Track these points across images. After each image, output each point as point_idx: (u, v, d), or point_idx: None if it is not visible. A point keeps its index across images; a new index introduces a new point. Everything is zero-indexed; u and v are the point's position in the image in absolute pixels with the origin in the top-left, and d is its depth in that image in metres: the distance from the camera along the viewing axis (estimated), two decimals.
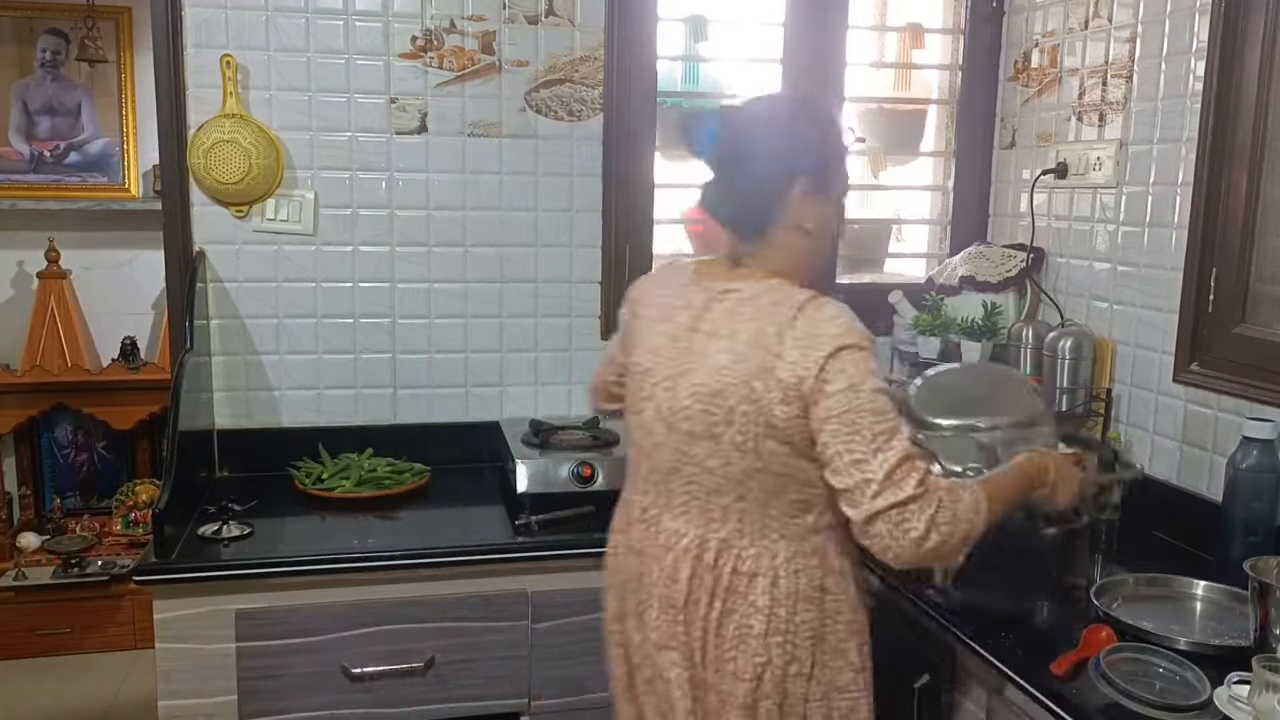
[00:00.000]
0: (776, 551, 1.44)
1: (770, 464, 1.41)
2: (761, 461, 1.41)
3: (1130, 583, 1.72)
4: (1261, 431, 1.77)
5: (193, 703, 1.92)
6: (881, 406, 1.35)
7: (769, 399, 1.37)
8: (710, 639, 1.46)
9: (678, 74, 2.76)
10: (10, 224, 3.82)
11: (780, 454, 1.40)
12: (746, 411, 1.39)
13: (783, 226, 1.46)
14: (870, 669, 1.54)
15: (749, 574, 1.44)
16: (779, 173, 1.45)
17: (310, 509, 2.21)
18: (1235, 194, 1.93)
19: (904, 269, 2.92)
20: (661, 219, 2.60)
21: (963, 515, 1.36)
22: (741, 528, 1.45)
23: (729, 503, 1.45)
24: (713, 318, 1.46)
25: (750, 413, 1.39)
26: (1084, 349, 2.20)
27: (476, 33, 2.40)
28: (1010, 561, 1.65)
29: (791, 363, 1.36)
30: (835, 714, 1.49)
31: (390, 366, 2.47)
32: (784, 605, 1.44)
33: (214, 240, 2.34)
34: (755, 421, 1.39)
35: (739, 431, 1.40)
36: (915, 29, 2.77)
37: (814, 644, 1.46)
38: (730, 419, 1.41)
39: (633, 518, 1.59)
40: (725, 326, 1.44)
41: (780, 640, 1.44)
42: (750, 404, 1.39)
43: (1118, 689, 1.39)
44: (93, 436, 4.00)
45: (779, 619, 1.43)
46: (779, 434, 1.38)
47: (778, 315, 1.40)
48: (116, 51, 3.84)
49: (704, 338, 1.46)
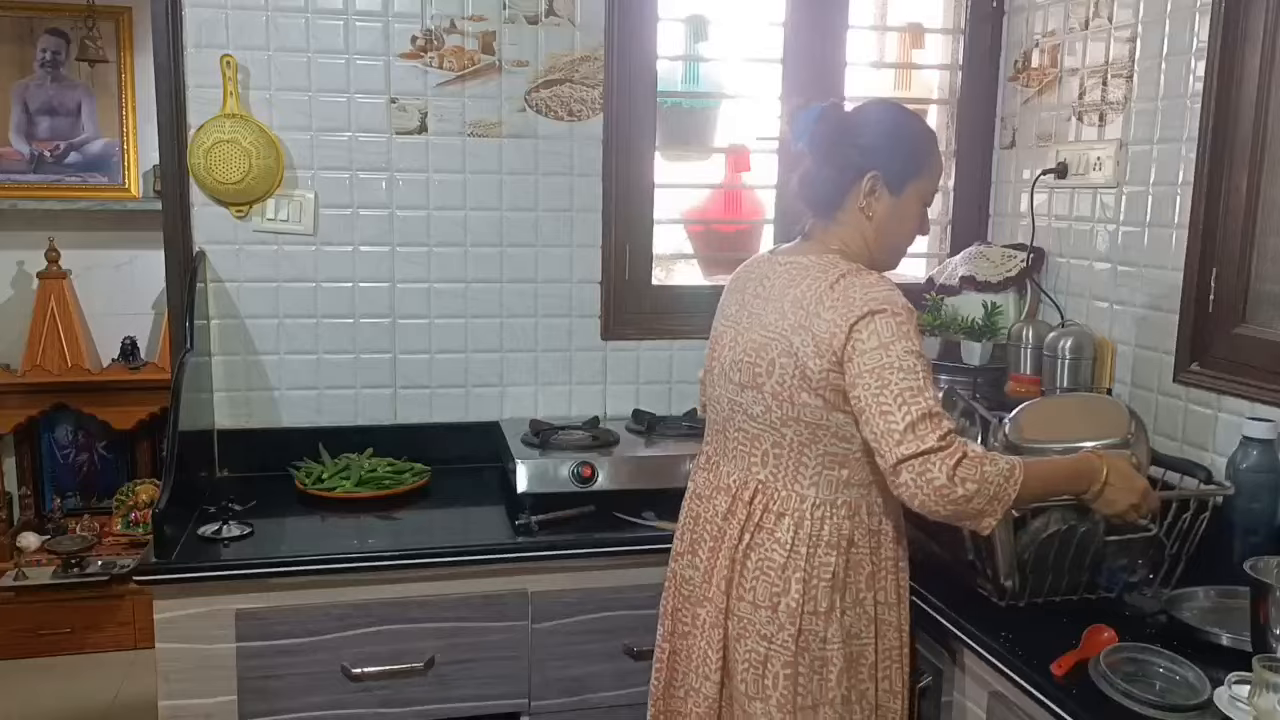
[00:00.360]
0: (806, 496, 1.58)
1: (803, 414, 1.55)
2: (795, 410, 1.56)
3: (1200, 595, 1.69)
4: (1262, 431, 1.77)
5: (193, 703, 1.91)
6: (911, 366, 1.47)
7: (805, 352, 1.53)
8: (737, 569, 1.61)
9: (678, 74, 2.76)
10: (10, 224, 3.83)
11: (813, 405, 1.54)
12: (784, 364, 1.55)
13: (850, 210, 1.63)
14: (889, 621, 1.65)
15: (777, 513, 1.59)
16: (853, 165, 1.61)
17: (310, 509, 2.21)
18: (1235, 194, 1.93)
19: (904, 269, 2.91)
20: (662, 219, 2.60)
21: (991, 476, 1.44)
22: (777, 471, 1.60)
23: (767, 448, 1.61)
24: (771, 284, 1.64)
25: (787, 365, 1.55)
26: (1084, 349, 2.19)
27: (477, 33, 2.40)
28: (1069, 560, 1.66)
29: (827, 321, 1.51)
30: (852, 656, 1.60)
31: (390, 366, 2.47)
32: (805, 545, 1.56)
33: (214, 240, 2.34)
34: (791, 373, 1.55)
35: (777, 381, 1.56)
36: (915, 29, 2.77)
37: (832, 588, 1.57)
38: (771, 370, 1.57)
39: (700, 465, 1.78)
40: (778, 290, 1.61)
41: (800, 577, 1.56)
42: (788, 357, 1.55)
43: (1118, 689, 1.39)
44: (93, 436, 4.00)
45: (799, 557, 1.56)
46: (812, 386, 1.53)
47: (821, 280, 1.56)
48: (116, 51, 3.84)
49: (762, 301, 1.64)
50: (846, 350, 1.49)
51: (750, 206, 2.81)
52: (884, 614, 1.64)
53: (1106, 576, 1.69)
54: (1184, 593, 1.67)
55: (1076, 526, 1.64)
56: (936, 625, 1.72)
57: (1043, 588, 1.66)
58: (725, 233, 2.81)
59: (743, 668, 1.61)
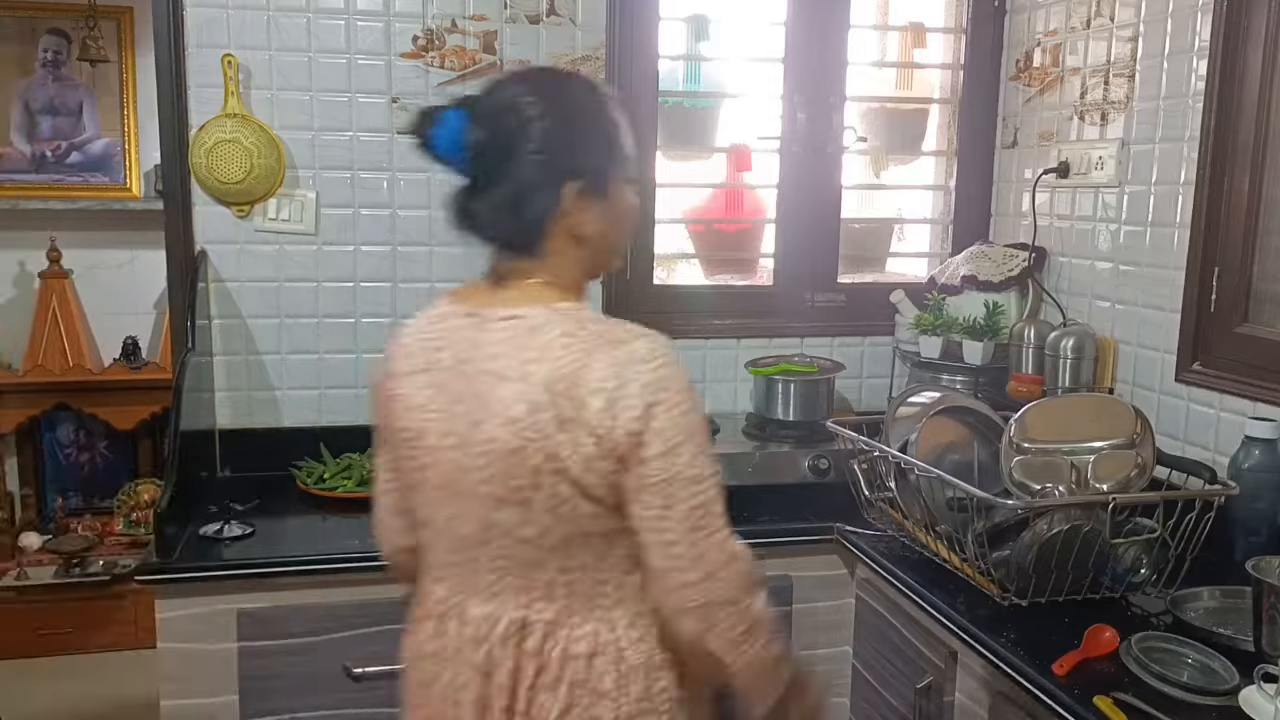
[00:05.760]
0: (614, 621, 1.23)
1: (593, 527, 1.20)
2: (581, 526, 1.19)
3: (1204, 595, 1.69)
4: (1264, 431, 1.77)
5: (194, 703, 1.91)
6: (697, 474, 1.16)
7: (577, 456, 1.15)
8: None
9: (679, 73, 2.76)
10: (12, 224, 3.83)
11: (600, 514, 1.19)
12: (555, 471, 1.16)
13: (555, 236, 1.23)
14: None
15: (586, 655, 1.21)
16: (546, 175, 1.21)
17: (312, 509, 2.21)
18: (1237, 193, 1.93)
19: (905, 268, 2.92)
20: (663, 219, 2.60)
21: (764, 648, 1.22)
22: (570, 603, 1.22)
23: (553, 576, 1.21)
24: (491, 351, 1.20)
25: (559, 473, 1.16)
26: (1086, 349, 2.19)
27: (478, 32, 2.40)
28: None
29: (598, 411, 1.14)
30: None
31: None
32: (635, 682, 1.22)
33: (215, 240, 2.34)
34: (566, 483, 1.16)
35: (549, 496, 1.17)
36: (917, 28, 2.77)
37: (674, 713, 1.25)
38: (538, 482, 1.17)
39: (427, 614, 1.32)
40: (512, 365, 1.18)
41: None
42: (557, 463, 1.16)
43: (1151, 672, 1.41)
44: (94, 436, 4.00)
45: (630, 699, 1.21)
46: (595, 494, 1.17)
47: (573, 351, 1.16)
48: (118, 51, 3.84)
49: (487, 379, 1.19)
50: (627, 451, 1.15)
51: (752, 206, 2.81)
52: None
53: (1110, 576, 1.69)
54: (1188, 593, 1.66)
55: (1080, 526, 1.64)
56: (938, 625, 1.72)
57: (1045, 587, 1.66)
58: (727, 232, 2.81)
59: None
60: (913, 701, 1.78)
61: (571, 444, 1.15)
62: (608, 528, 1.20)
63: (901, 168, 2.90)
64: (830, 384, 2.49)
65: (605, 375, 1.15)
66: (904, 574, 1.84)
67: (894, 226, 2.95)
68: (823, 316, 2.68)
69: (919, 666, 1.79)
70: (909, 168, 2.91)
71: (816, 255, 2.68)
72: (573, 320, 1.20)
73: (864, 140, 2.72)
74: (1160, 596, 1.69)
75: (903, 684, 1.80)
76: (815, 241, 2.67)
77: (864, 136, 2.72)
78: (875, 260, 2.88)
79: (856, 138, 2.69)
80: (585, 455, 1.15)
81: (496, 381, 1.18)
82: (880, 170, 2.79)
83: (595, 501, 1.18)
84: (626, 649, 1.22)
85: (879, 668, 1.94)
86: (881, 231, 2.91)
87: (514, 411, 1.16)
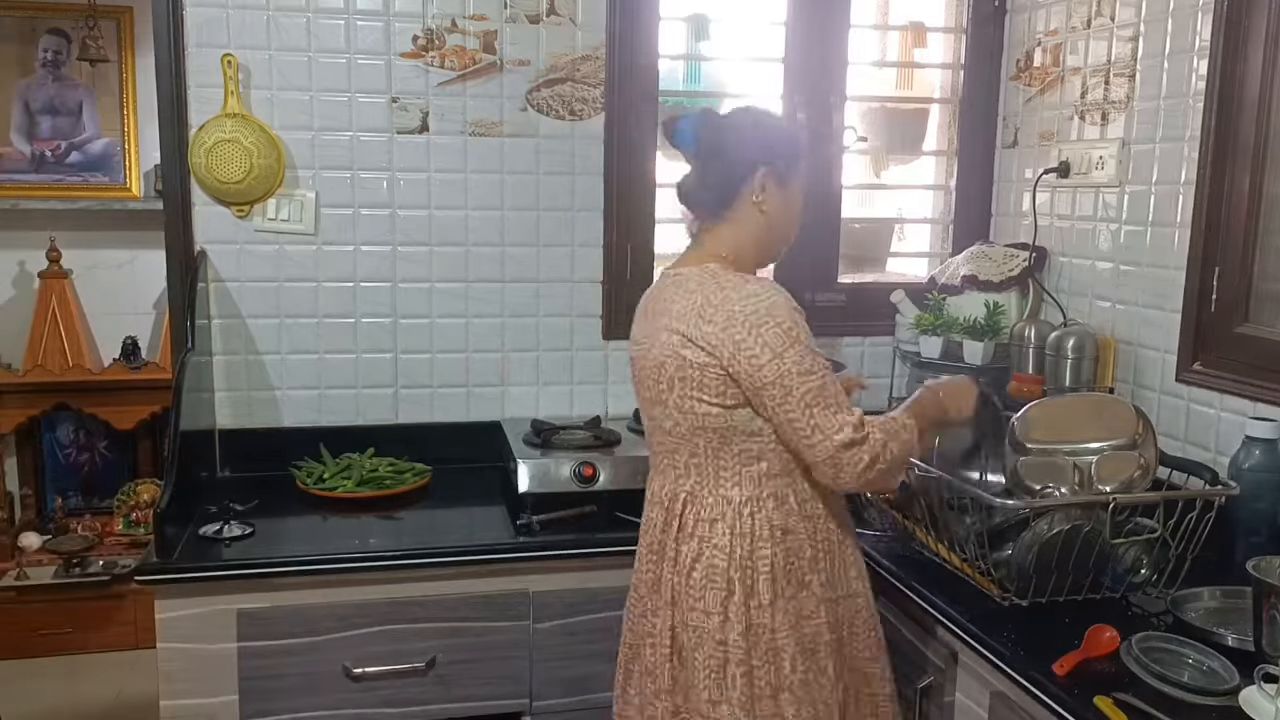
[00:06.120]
0: (732, 497, 1.62)
1: (707, 422, 1.60)
2: (700, 420, 1.61)
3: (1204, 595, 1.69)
4: (1264, 431, 1.77)
5: (194, 703, 1.92)
6: (808, 368, 1.54)
7: (695, 364, 1.58)
8: (682, 580, 1.64)
9: (679, 73, 2.76)
10: (12, 224, 3.83)
11: (714, 413, 1.59)
12: (680, 378, 1.60)
13: (741, 207, 1.67)
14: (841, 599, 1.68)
15: (710, 520, 1.63)
16: (744, 162, 1.66)
17: (312, 509, 2.21)
18: (1238, 193, 1.93)
19: (906, 268, 2.92)
20: (663, 218, 2.60)
21: (898, 451, 1.60)
22: (701, 479, 1.65)
23: (686, 458, 1.66)
24: (661, 300, 1.68)
25: (683, 379, 1.60)
26: (1086, 348, 2.19)
27: (478, 32, 2.40)
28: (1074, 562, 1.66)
29: (711, 333, 1.57)
30: (804, 639, 1.62)
31: (392, 366, 2.47)
32: (742, 544, 1.61)
33: (215, 240, 2.34)
34: (688, 385, 1.60)
35: (679, 395, 1.61)
36: (917, 28, 2.77)
37: (773, 579, 1.61)
38: (671, 385, 1.62)
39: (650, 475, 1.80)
40: (665, 306, 1.65)
41: (741, 576, 1.60)
42: (682, 370, 1.60)
43: (1151, 672, 1.41)
44: (94, 436, 4.00)
45: (740, 554, 1.61)
46: (708, 397, 1.59)
47: (700, 292, 1.60)
48: (118, 51, 3.84)
49: (655, 318, 1.67)
50: (740, 362, 1.55)
51: None
52: (829, 592, 1.66)
53: (1110, 576, 1.69)
54: (1188, 593, 1.66)
55: (1080, 526, 1.64)
56: (938, 624, 1.72)
57: (1046, 587, 1.66)
58: None
59: (703, 675, 1.61)
60: (913, 701, 1.77)
61: (693, 356, 1.58)
62: (721, 425, 1.59)
63: (902, 167, 2.90)
64: None
65: (718, 308, 1.57)
66: (904, 574, 1.84)
67: (894, 226, 2.95)
68: (823, 316, 2.67)
69: (919, 666, 1.78)
70: (909, 167, 2.91)
71: (816, 255, 2.68)
72: (709, 274, 1.63)
73: (864, 140, 2.72)
74: (1160, 596, 1.69)
75: (903, 684, 1.80)
76: (815, 241, 2.66)
77: (864, 136, 2.72)
78: (875, 260, 2.88)
79: (857, 137, 2.68)
80: (701, 364, 1.57)
81: (657, 318, 1.66)
82: (880, 170, 2.79)
83: (708, 402, 1.59)
84: (738, 519, 1.61)
85: None
86: (882, 231, 2.91)
87: (661, 337, 1.63)
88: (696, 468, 1.65)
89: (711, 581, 1.61)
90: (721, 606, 1.60)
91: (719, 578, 1.60)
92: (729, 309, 1.56)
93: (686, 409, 1.61)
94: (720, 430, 1.60)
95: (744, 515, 1.62)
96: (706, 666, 1.61)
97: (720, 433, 1.60)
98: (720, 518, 1.62)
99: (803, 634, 1.62)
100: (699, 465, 1.64)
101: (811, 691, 1.62)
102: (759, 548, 1.61)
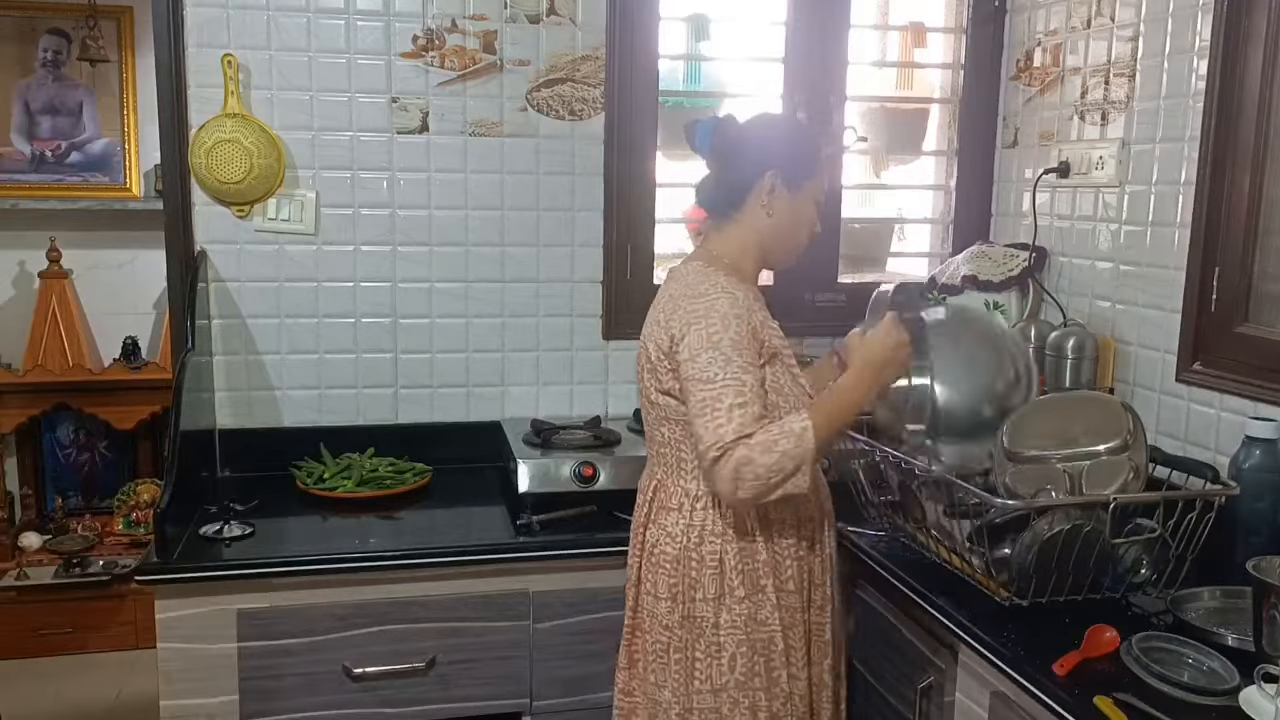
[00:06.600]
0: (690, 490, 1.71)
1: (668, 413, 1.70)
2: (662, 411, 1.71)
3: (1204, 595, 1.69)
4: (1264, 431, 1.77)
5: (194, 703, 1.92)
6: (710, 375, 1.58)
7: (655, 355, 1.69)
8: (645, 563, 1.74)
9: (679, 73, 2.76)
10: (12, 224, 3.83)
11: (671, 404, 1.69)
12: (648, 369, 1.72)
13: (749, 209, 1.73)
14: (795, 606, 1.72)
15: (668, 508, 1.72)
16: (754, 165, 1.71)
17: (312, 509, 2.21)
18: (1238, 193, 1.93)
19: (906, 268, 2.92)
20: (663, 218, 2.60)
21: (773, 463, 1.54)
22: (667, 470, 1.75)
23: (657, 448, 1.76)
24: (661, 291, 1.76)
25: (650, 370, 1.71)
26: (1086, 348, 2.19)
27: (478, 32, 2.40)
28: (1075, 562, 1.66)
29: (665, 328, 1.67)
30: (756, 643, 1.67)
31: (392, 366, 2.47)
32: (690, 534, 1.68)
33: (215, 240, 2.34)
34: (652, 375, 1.71)
35: (646, 385, 1.73)
36: (917, 28, 2.77)
37: (720, 575, 1.66)
38: (641, 374, 1.75)
39: None
40: (659, 298, 1.75)
41: (685, 566, 1.68)
42: (649, 361, 1.71)
43: (1152, 672, 1.41)
44: (94, 436, 4.00)
45: (688, 547, 1.68)
46: (663, 388, 1.69)
47: (678, 286, 1.69)
48: (118, 51, 3.84)
49: (652, 310, 1.76)
50: (674, 357, 1.64)
51: None
52: (788, 600, 1.70)
53: (1110, 576, 1.69)
54: (1188, 593, 1.66)
55: (1080, 526, 1.64)
56: (938, 624, 1.71)
57: (1046, 587, 1.66)
58: None
59: (651, 656, 1.71)
60: (913, 701, 1.77)
61: (655, 347, 1.68)
62: (678, 416, 1.67)
63: (902, 168, 2.90)
64: None
65: (676, 305, 1.66)
66: (905, 574, 1.84)
67: (894, 226, 2.95)
68: (823, 316, 2.67)
69: (919, 666, 1.78)
70: (909, 168, 2.91)
71: (817, 255, 2.66)
72: (690, 271, 1.71)
73: (864, 140, 2.72)
74: (1160, 596, 1.68)
75: (903, 684, 1.80)
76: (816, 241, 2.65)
77: (864, 136, 2.72)
78: (876, 260, 2.88)
79: (857, 137, 2.68)
80: (656, 356, 1.68)
81: (652, 311, 1.74)
82: (880, 170, 2.80)
83: (664, 393, 1.69)
84: (694, 510, 1.69)
85: (879, 668, 1.94)
86: (882, 231, 2.91)
87: (645, 330, 1.75)
88: (664, 458, 1.74)
89: (662, 567, 1.70)
90: (669, 592, 1.68)
91: (668, 563, 1.69)
92: (681, 305, 1.65)
93: (653, 399, 1.72)
94: (680, 422, 1.68)
95: (697, 508, 1.69)
96: (654, 650, 1.71)
97: (680, 424, 1.68)
98: (677, 508, 1.71)
99: (755, 638, 1.67)
100: (665, 456, 1.74)
101: (753, 696, 1.66)
102: (707, 541, 1.67)
